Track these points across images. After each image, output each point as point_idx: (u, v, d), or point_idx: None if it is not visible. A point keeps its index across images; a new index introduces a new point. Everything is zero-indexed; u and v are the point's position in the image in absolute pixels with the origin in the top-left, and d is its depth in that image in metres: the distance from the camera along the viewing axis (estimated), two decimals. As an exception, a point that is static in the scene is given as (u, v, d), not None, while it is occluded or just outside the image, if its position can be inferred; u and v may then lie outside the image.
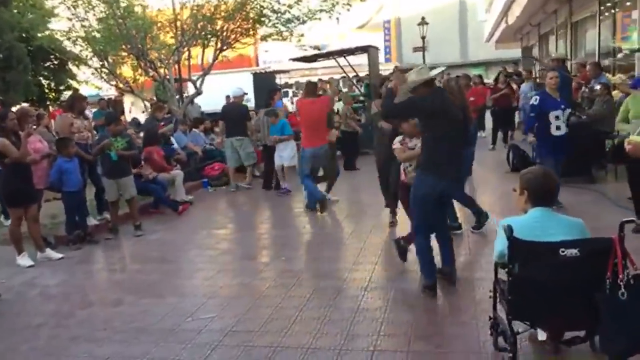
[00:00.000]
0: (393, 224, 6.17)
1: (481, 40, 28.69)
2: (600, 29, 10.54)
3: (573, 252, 2.51)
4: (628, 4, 9.47)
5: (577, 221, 2.73)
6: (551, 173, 2.83)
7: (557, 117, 6.13)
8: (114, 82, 14.34)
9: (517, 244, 2.60)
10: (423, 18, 23.12)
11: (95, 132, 8.09)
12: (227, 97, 10.18)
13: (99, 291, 5.06)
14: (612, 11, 10.15)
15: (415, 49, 25.05)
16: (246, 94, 10.04)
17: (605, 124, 7.43)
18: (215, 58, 12.85)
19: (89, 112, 11.84)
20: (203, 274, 5.18)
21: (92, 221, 7.09)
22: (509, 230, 2.59)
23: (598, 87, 7.81)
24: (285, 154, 8.65)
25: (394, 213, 6.16)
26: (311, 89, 7.64)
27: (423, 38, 23.19)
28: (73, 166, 6.47)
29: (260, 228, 7.19)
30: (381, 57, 18.02)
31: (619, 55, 10.35)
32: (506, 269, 2.72)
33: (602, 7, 10.39)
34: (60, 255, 6.01)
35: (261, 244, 6.36)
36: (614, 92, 7.78)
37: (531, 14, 14.87)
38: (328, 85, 13.93)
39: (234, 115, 9.36)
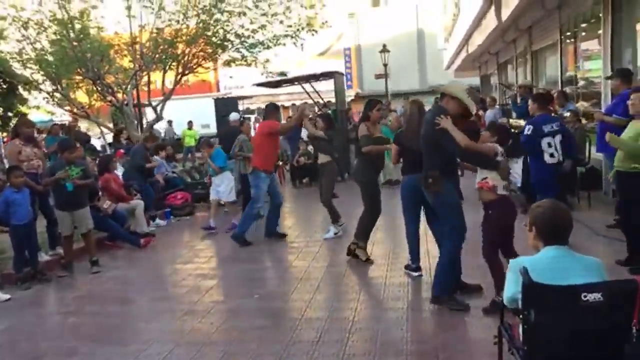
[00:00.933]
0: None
1: (440, 68, 29.22)
2: (562, 58, 10.76)
3: (596, 296, 2.26)
4: (584, 33, 9.69)
5: (596, 261, 2.49)
6: (561, 207, 2.58)
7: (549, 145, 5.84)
8: (67, 107, 13.66)
9: (534, 288, 2.34)
10: (384, 45, 23.39)
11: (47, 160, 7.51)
12: (228, 120, 10.52)
13: (51, 338, 4.51)
14: (573, 40, 10.37)
15: (378, 76, 25.21)
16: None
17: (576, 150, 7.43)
18: (176, 83, 12.43)
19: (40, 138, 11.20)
20: (169, 316, 4.74)
21: (43, 257, 6.52)
22: (525, 273, 2.33)
23: (567, 114, 7.84)
24: (222, 188, 8.13)
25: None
26: (269, 111, 7.37)
27: (385, 65, 23.41)
28: (22, 197, 5.93)
29: (230, 262, 6.66)
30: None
31: (580, 84, 10.56)
32: (520, 316, 2.45)
33: (562, 36, 10.61)
34: (7, 297, 5.47)
35: (232, 280, 5.85)
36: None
37: (490, 43, 15.15)
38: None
39: (229, 138, 9.62)
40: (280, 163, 12.96)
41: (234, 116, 10.64)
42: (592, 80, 9.94)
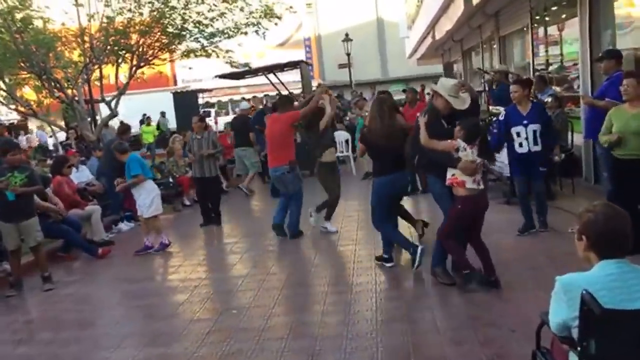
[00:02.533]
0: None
1: (401, 56, 29.04)
2: (533, 42, 10.54)
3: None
4: (556, 17, 9.46)
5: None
6: (619, 211, 2.13)
7: (518, 134, 5.68)
8: (12, 105, 12.64)
9: (596, 314, 1.90)
10: (347, 34, 22.93)
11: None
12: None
13: (-5, 376, 3.87)
14: (544, 24, 10.15)
15: (341, 66, 24.81)
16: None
17: (558, 137, 7.16)
18: (131, 76, 11.61)
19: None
20: (133, 341, 4.14)
21: (-14, 275, 5.77)
22: (591, 299, 1.88)
23: (548, 99, 7.56)
24: (141, 201, 6.73)
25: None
26: (283, 102, 6.97)
27: (348, 55, 22.97)
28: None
29: (198, 272, 5.98)
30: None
31: (551, 68, 10.36)
32: (576, 347, 2.01)
33: (533, 21, 10.38)
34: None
35: (203, 294, 5.16)
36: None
37: (455, 29, 14.89)
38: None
39: (239, 127, 10.23)
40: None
41: (244, 105, 11.33)
42: (564, 65, 9.75)
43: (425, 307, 4.32)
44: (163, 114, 21.25)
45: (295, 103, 7.48)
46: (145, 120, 20.37)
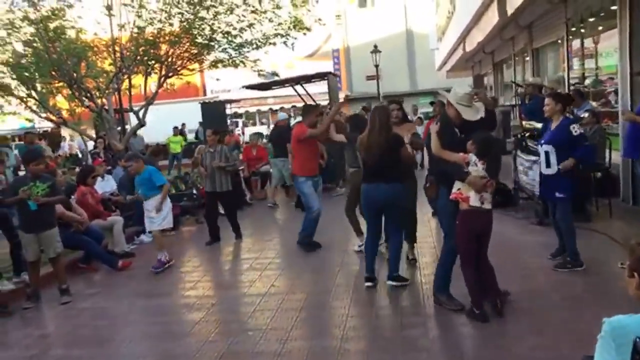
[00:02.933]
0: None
1: (430, 69, 28.67)
2: (568, 55, 10.18)
3: None
4: (600, 28, 9.10)
5: None
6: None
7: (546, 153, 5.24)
8: (44, 114, 12.82)
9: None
10: (375, 46, 22.76)
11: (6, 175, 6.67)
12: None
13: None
14: (581, 36, 9.79)
15: (369, 78, 24.58)
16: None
17: (596, 155, 6.82)
18: (159, 86, 11.64)
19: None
20: (150, 362, 4.00)
21: (6, 285, 5.74)
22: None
23: (585, 115, 7.22)
24: (154, 214, 6.47)
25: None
26: (305, 111, 6.96)
27: (377, 66, 22.77)
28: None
29: (216, 289, 5.89)
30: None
31: (586, 82, 9.98)
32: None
33: (568, 32, 10.03)
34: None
35: (219, 313, 5.02)
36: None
37: (487, 41, 14.58)
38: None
39: (276, 138, 10.13)
40: (271, 170, 12.25)
41: (282, 116, 11.28)
42: (601, 78, 9.37)
43: (451, 336, 4.07)
44: (201, 124, 21.13)
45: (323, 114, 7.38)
46: (173, 131, 20.39)
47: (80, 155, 21.28)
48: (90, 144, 18.20)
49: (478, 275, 4.20)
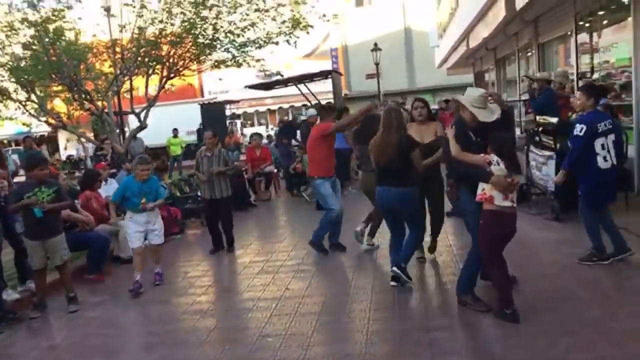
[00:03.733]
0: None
1: (429, 67, 28.53)
2: (578, 49, 10.02)
3: None
4: (611, 21, 8.95)
5: None
6: None
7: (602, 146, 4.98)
8: (43, 118, 12.64)
9: None
10: (375, 44, 22.62)
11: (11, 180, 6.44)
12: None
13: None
14: (589, 29, 9.63)
15: (369, 76, 24.45)
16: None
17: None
18: (161, 87, 11.46)
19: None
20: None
21: (11, 295, 5.54)
22: None
23: (599, 109, 7.04)
24: (158, 225, 5.95)
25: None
26: (323, 111, 6.72)
27: (377, 64, 22.64)
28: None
29: (229, 293, 5.68)
30: (329, 84, 17.16)
31: (595, 76, 9.83)
32: None
33: (577, 26, 9.88)
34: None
35: (234, 319, 4.84)
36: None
37: (490, 37, 14.43)
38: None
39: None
40: (275, 170, 12.09)
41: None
42: (611, 72, 9.22)
43: (481, 338, 3.91)
44: (203, 127, 20.91)
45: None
46: (173, 133, 20.16)
47: (79, 159, 21.10)
48: (90, 148, 18.01)
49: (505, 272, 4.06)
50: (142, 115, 11.42)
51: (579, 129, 4.87)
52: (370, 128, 5.48)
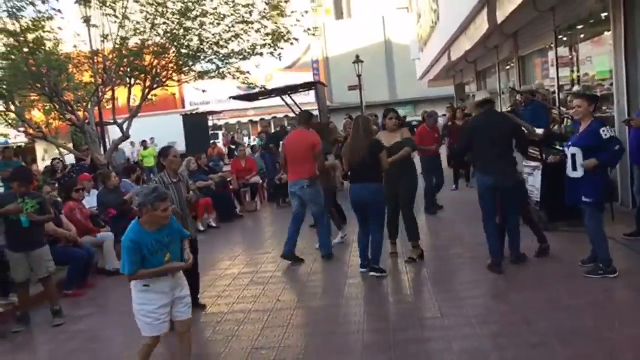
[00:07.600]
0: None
1: (410, 79, 28.88)
2: (558, 61, 10.22)
3: None
4: (590, 35, 9.15)
5: None
6: None
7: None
8: (22, 128, 12.38)
9: None
10: (357, 56, 22.80)
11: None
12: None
13: None
14: (570, 43, 9.84)
15: (351, 88, 24.58)
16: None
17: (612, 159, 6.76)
18: (144, 97, 11.32)
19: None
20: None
21: (-8, 309, 5.38)
22: None
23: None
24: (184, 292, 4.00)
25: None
26: (304, 118, 6.84)
27: (359, 76, 22.80)
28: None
29: (219, 305, 5.50)
30: (312, 96, 17.18)
31: (575, 88, 10.02)
32: None
33: (557, 40, 10.08)
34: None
35: (227, 331, 4.70)
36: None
37: (470, 50, 14.65)
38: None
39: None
40: (260, 181, 12.02)
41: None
42: (591, 85, 9.41)
43: (478, 350, 3.90)
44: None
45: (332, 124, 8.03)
46: (141, 144, 19.76)
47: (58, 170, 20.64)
48: (69, 158, 17.67)
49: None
50: (125, 126, 11.26)
51: (608, 130, 4.78)
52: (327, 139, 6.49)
